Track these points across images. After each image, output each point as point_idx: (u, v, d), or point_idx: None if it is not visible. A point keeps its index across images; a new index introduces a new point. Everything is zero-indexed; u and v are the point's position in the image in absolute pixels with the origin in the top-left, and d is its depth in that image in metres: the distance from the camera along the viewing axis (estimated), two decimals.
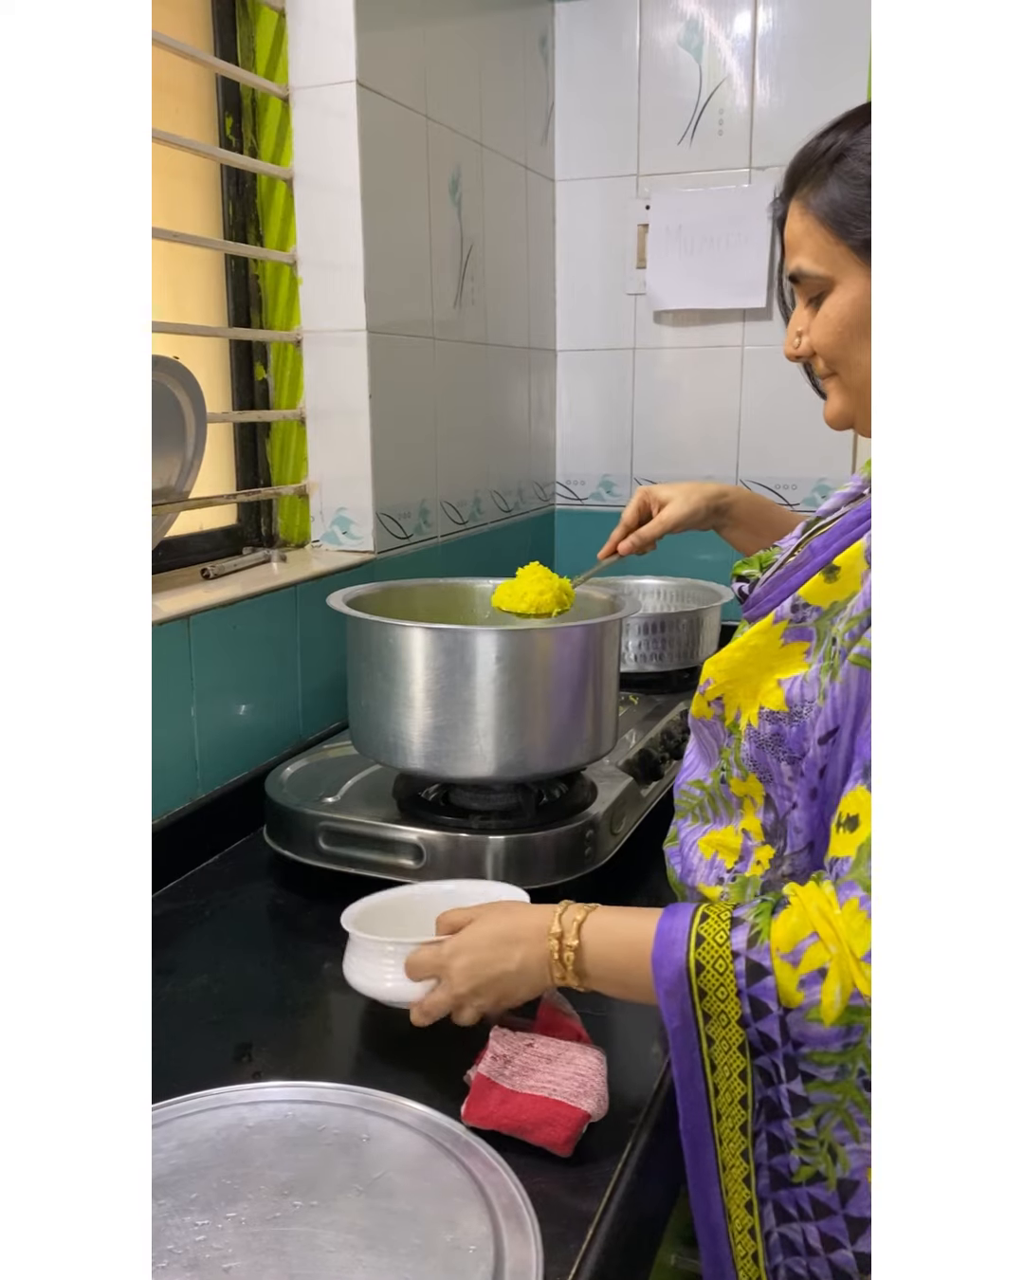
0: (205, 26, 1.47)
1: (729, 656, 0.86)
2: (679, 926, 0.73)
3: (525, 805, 1.13)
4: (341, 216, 1.50)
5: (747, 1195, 0.73)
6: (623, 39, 2.06)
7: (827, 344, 0.82)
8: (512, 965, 0.80)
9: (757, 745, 0.83)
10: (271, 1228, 0.68)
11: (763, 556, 0.95)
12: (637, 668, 1.68)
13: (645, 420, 2.21)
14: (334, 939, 1.07)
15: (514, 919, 0.82)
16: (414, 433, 1.71)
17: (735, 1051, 0.71)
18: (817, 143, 0.81)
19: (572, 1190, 0.74)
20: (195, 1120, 0.78)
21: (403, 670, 1.10)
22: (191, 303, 1.51)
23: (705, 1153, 0.73)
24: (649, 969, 0.73)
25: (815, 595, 0.80)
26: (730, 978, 0.69)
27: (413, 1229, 0.68)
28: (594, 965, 0.78)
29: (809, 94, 1.96)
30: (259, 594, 1.35)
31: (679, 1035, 0.72)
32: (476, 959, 0.81)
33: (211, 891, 1.18)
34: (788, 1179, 0.74)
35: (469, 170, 1.81)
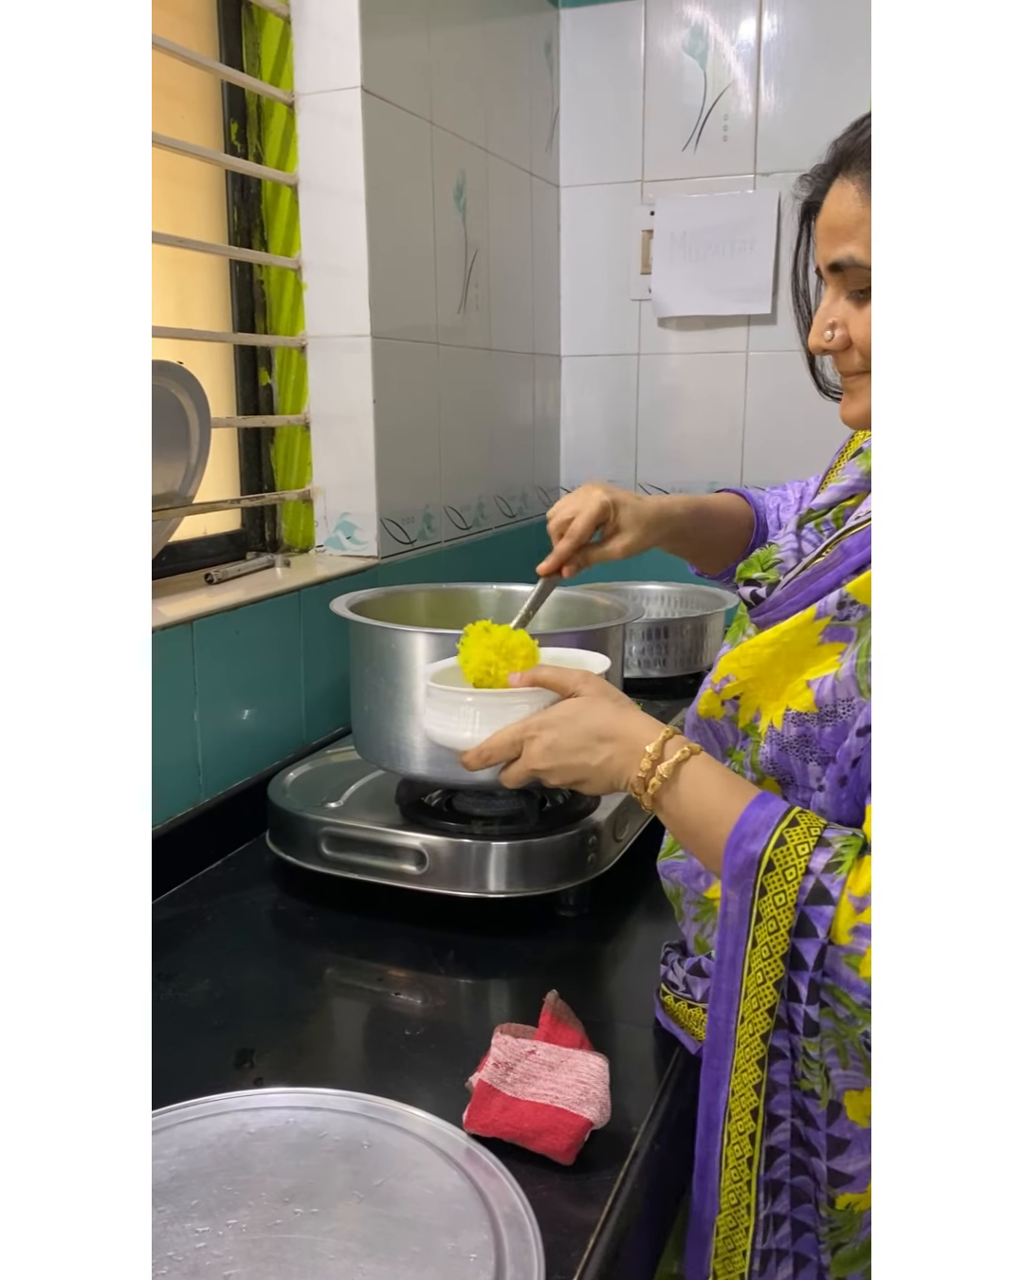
0: (211, 33, 1.48)
1: (754, 653, 0.82)
2: (765, 819, 0.73)
3: (528, 811, 1.13)
4: (346, 222, 1.50)
5: (753, 1101, 0.74)
6: (628, 45, 2.07)
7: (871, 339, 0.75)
8: (595, 761, 0.80)
9: (779, 748, 0.80)
10: (272, 1235, 0.67)
11: (762, 555, 0.92)
12: (640, 673, 1.68)
13: (650, 426, 2.21)
14: (336, 944, 1.07)
15: (615, 719, 0.81)
16: (418, 438, 1.71)
17: (777, 959, 0.71)
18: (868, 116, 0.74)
19: (573, 1198, 0.73)
20: (196, 1126, 0.78)
21: (406, 675, 1.10)
22: (196, 308, 1.52)
23: (725, 1048, 0.74)
24: (720, 844, 0.74)
25: (864, 593, 0.76)
26: (794, 888, 0.70)
27: (413, 1237, 0.67)
28: (671, 804, 0.78)
29: (814, 100, 1.96)
30: (262, 599, 1.35)
31: (731, 923, 0.73)
32: (563, 743, 0.81)
33: (214, 896, 1.18)
34: (788, 1085, 0.75)
35: (474, 176, 1.81)
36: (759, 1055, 0.73)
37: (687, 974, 0.90)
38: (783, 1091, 0.75)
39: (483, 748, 0.84)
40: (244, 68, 1.51)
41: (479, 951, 1.05)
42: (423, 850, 1.09)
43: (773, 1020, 0.72)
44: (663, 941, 0.98)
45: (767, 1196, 0.76)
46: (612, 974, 1.04)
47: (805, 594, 0.83)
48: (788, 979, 0.71)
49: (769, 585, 0.88)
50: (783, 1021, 0.73)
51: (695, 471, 2.17)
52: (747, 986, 0.72)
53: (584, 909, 1.12)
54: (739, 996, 0.73)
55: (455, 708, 0.86)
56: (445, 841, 1.09)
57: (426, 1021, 0.94)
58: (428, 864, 1.09)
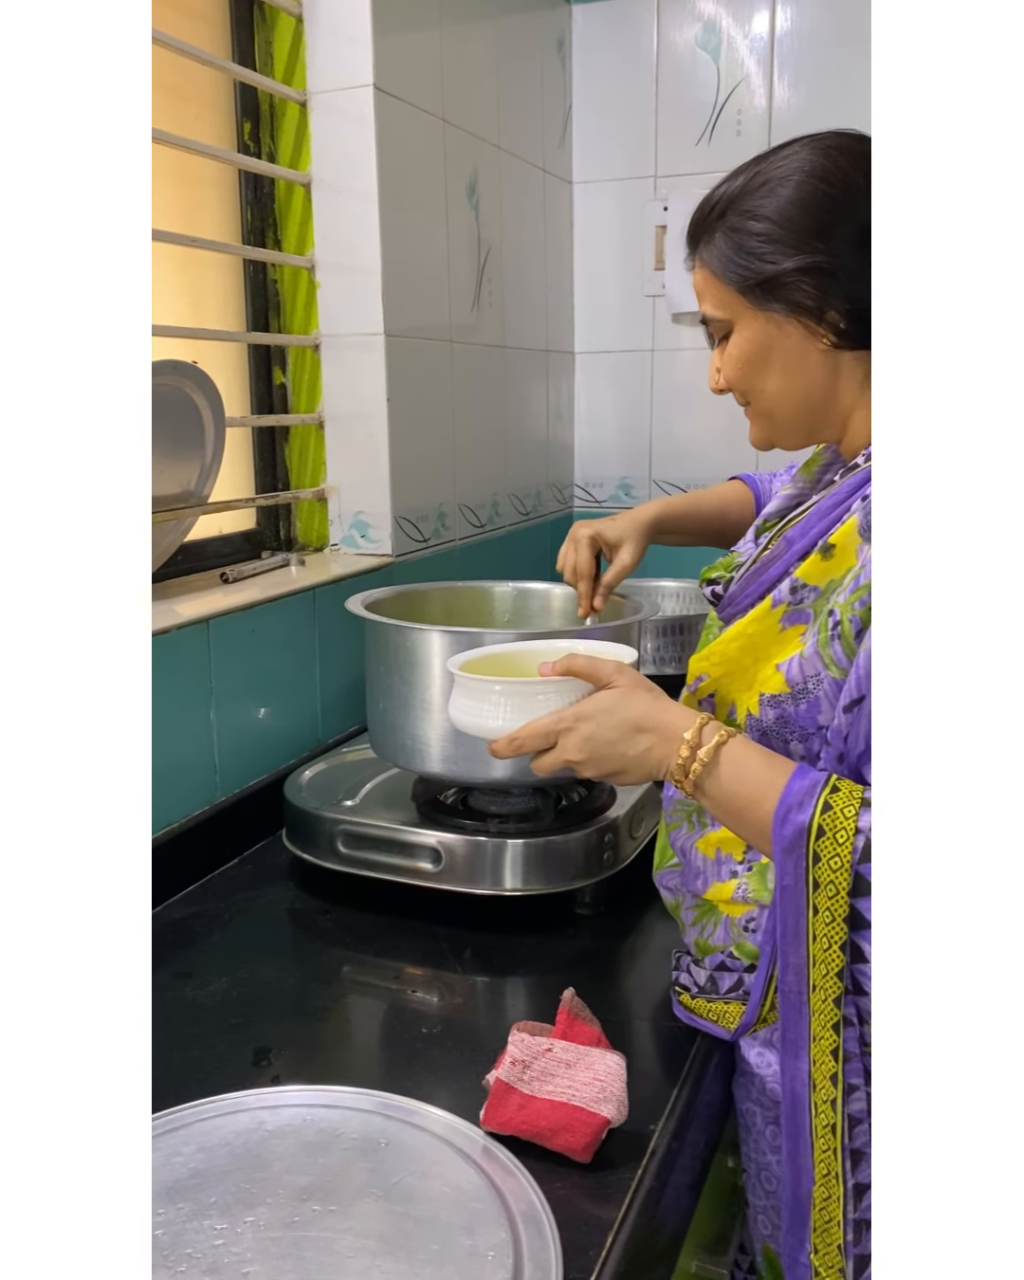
0: (223, 33, 1.48)
1: (721, 649, 0.86)
2: (808, 789, 0.74)
3: (544, 809, 1.13)
4: (359, 220, 1.50)
5: (833, 1068, 0.75)
6: (640, 40, 2.06)
7: (735, 379, 0.90)
8: (634, 752, 0.81)
9: (760, 734, 0.83)
10: (290, 1232, 0.68)
11: (726, 560, 0.99)
12: (656, 670, 1.67)
13: (664, 422, 2.20)
14: (353, 943, 1.08)
15: (652, 709, 0.82)
16: (432, 436, 1.71)
17: (839, 923, 0.72)
18: (706, 200, 0.89)
19: (591, 1196, 0.73)
20: (214, 1124, 0.78)
21: (421, 673, 1.10)
22: (210, 307, 1.52)
23: (800, 1019, 0.75)
24: (767, 820, 0.75)
25: (813, 575, 0.81)
26: (847, 850, 0.71)
27: (431, 1235, 0.67)
28: (714, 788, 0.79)
29: (828, 93, 1.95)
30: (277, 598, 1.35)
31: (789, 894, 0.74)
32: (601, 735, 0.82)
33: (231, 895, 1.18)
34: (858, 1053, 0.76)
35: (486, 173, 1.81)
36: (834, 1020, 0.74)
37: (712, 972, 0.90)
38: (854, 1060, 0.76)
39: (515, 736, 0.84)
40: (256, 67, 1.51)
41: (495, 949, 1.05)
42: (439, 848, 1.09)
43: (841, 985, 0.73)
44: (677, 941, 0.98)
45: (852, 1165, 0.77)
46: (629, 971, 1.04)
47: (757, 585, 0.89)
48: (851, 941, 0.72)
49: (726, 582, 0.96)
50: (848, 986, 0.74)
51: (709, 467, 2.16)
52: (814, 954, 0.73)
53: (601, 906, 1.12)
54: (808, 965, 0.74)
55: (485, 696, 0.87)
56: (461, 839, 1.09)
57: (443, 1019, 0.94)
58: (444, 862, 1.09)
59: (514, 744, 0.85)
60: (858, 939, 0.72)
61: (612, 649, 0.97)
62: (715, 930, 0.91)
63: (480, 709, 0.87)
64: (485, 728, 0.87)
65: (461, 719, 0.89)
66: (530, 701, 0.85)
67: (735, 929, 0.89)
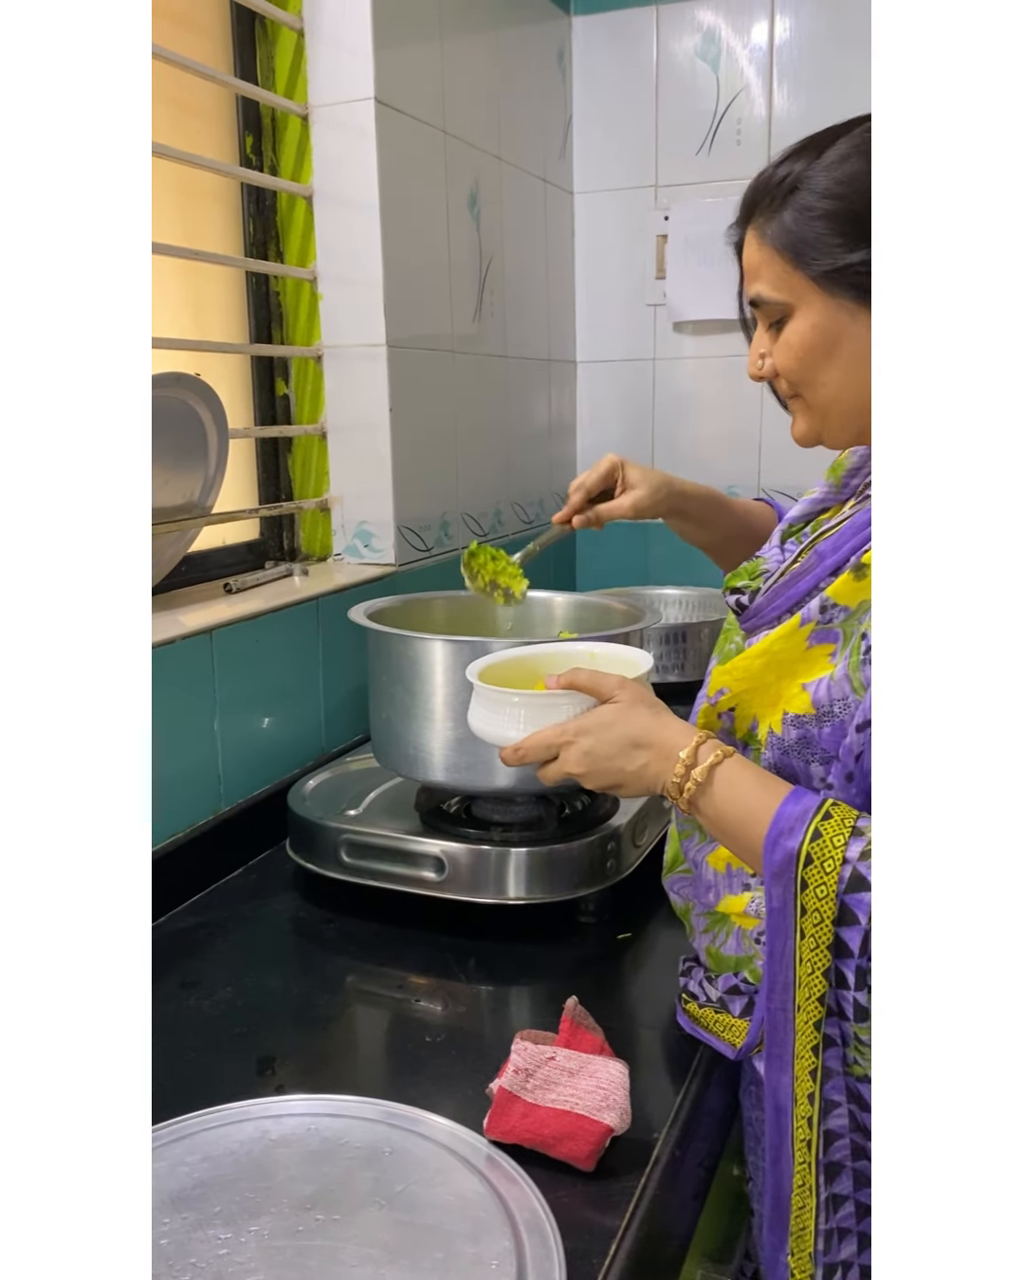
0: (225, 47, 1.49)
1: (745, 665, 0.85)
2: (799, 815, 0.75)
3: (547, 817, 1.13)
4: (361, 232, 1.51)
5: (811, 1087, 0.76)
6: (640, 51, 2.07)
7: (790, 368, 0.84)
8: (631, 767, 0.82)
9: (781, 752, 0.82)
10: (294, 1242, 0.68)
11: (750, 567, 0.96)
12: (659, 678, 1.67)
13: (666, 431, 2.21)
14: (356, 952, 1.08)
15: (651, 725, 0.83)
16: (435, 446, 1.72)
17: (823, 949, 0.73)
18: (773, 172, 0.83)
19: (594, 1205, 0.73)
20: (218, 1134, 0.78)
21: (424, 683, 1.11)
22: (213, 319, 1.53)
23: (786, 1036, 0.76)
24: (758, 842, 0.76)
25: (844, 595, 0.79)
26: (834, 879, 0.72)
27: (435, 1243, 0.68)
28: (709, 807, 0.80)
29: (827, 102, 1.96)
30: (281, 608, 1.36)
31: (777, 918, 0.74)
32: (599, 750, 0.83)
33: (235, 905, 1.18)
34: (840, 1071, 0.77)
35: (488, 184, 1.82)
36: (814, 1043, 0.75)
37: (723, 994, 0.90)
38: (836, 1078, 0.77)
39: (519, 746, 0.86)
40: (258, 81, 1.52)
41: (499, 958, 1.06)
42: (442, 857, 1.10)
43: (824, 1009, 0.74)
44: (682, 948, 0.98)
45: (826, 1178, 0.78)
46: (631, 980, 1.04)
47: (785, 598, 0.87)
48: (835, 967, 0.73)
49: (752, 593, 0.93)
50: (833, 1009, 0.75)
51: (712, 476, 2.16)
52: (799, 977, 0.74)
53: (604, 915, 1.12)
54: (794, 986, 0.75)
55: (502, 707, 0.89)
56: (465, 848, 1.09)
57: (447, 1028, 0.94)
58: (447, 871, 1.10)
59: (519, 753, 0.86)
60: (842, 965, 0.73)
61: (628, 654, 0.98)
62: (728, 940, 0.91)
63: (498, 719, 0.89)
64: (504, 737, 0.88)
65: (480, 727, 0.91)
66: (546, 713, 0.87)
67: (747, 940, 0.89)
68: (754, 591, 0.93)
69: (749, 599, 0.93)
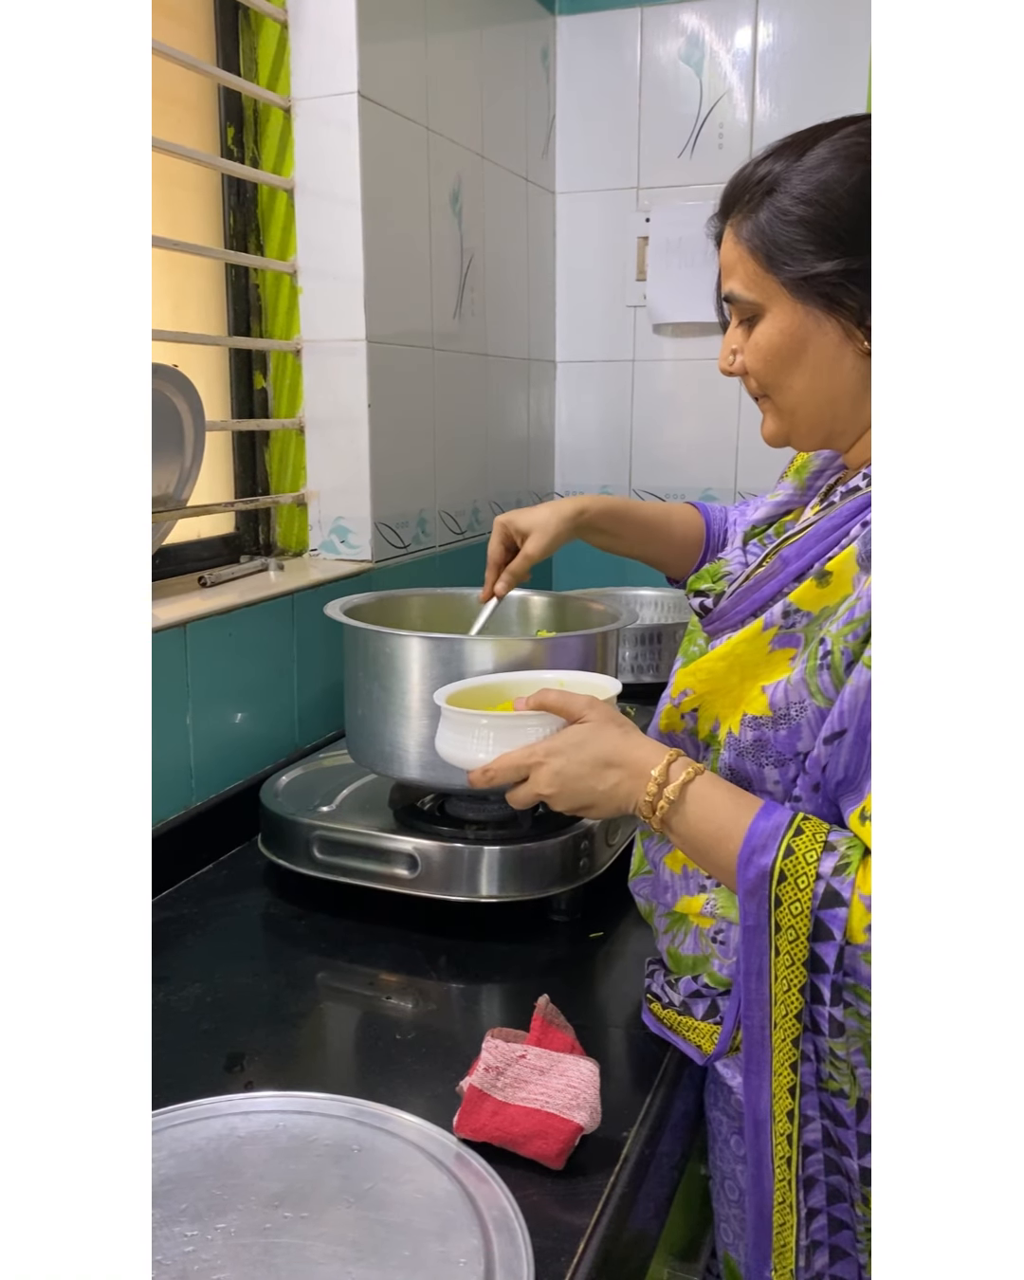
0: (208, 37, 1.48)
1: (709, 666, 0.86)
2: (771, 831, 0.75)
3: (521, 816, 1.13)
4: (342, 227, 1.50)
5: (789, 1104, 0.76)
6: (624, 53, 2.07)
7: (758, 369, 0.85)
8: (602, 787, 0.82)
9: (736, 753, 0.83)
10: (261, 1239, 0.67)
11: (713, 569, 0.97)
12: (633, 678, 1.68)
13: (644, 432, 2.21)
14: (328, 948, 1.07)
15: (621, 744, 0.83)
16: (413, 443, 1.71)
17: (799, 966, 0.73)
18: (752, 170, 0.83)
19: (563, 1203, 0.73)
20: (186, 1130, 0.78)
21: (399, 680, 1.10)
22: (192, 311, 1.52)
23: (763, 1052, 0.76)
24: (731, 860, 0.76)
25: (807, 601, 0.80)
26: (807, 895, 0.72)
27: (403, 1241, 0.67)
28: (681, 825, 0.80)
29: (809, 107, 1.97)
30: (256, 602, 1.35)
31: (752, 934, 0.75)
32: (569, 770, 0.83)
33: (206, 900, 1.17)
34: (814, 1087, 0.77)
35: (470, 182, 1.81)
36: (791, 1059, 0.75)
37: (685, 998, 0.90)
38: (811, 1093, 0.77)
39: (488, 768, 0.85)
40: (241, 72, 1.51)
41: (470, 956, 1.05)
42: (415, 854, 1.09)
43: (800, 1025, 0.75)
44: (652, 949, 0.98)
45: (805, 1192, 0.79)
46: (602, 979, 1.04)
47: (749, 602, 0.87)
48: (810, 983, 0.74)
49: (716, 596, 0.94)
50: (807, 1025, 0.75)
51: (690, 477, 2.18)
52: (775, 993, 0.75)
53: (576, 914, 1.12)
54: (770, 1003, 0.75)
55: (470, 729, 0.88)
56: (438, 846, 1.09)
57: (417, 1026, 0.94)
58: (420, 868, 1.09)
59: (488, 775, 0.85)
60: (817, 981, 0.73)
61: (595, 681, 0.98)
62: (686, 940, 0.91)
63: (466, 742, 0.88)
64: (471, 760, 0.88)
65: (449, 751, 0.90)
66: (515, 735, 0.86)
67: (704, 940, 0.89)
68: (718, 595, 0.93)
69: (713, 602, 0.94)
